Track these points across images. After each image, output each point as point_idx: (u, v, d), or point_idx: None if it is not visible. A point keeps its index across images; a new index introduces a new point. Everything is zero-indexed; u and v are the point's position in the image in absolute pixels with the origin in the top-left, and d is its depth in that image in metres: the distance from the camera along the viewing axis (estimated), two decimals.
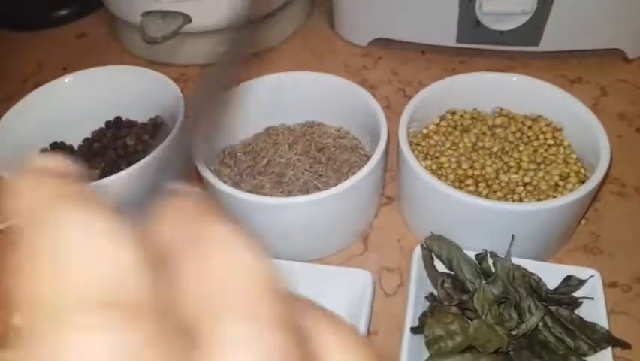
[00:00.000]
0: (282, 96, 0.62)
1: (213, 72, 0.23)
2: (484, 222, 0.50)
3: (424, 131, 0.59)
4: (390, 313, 0.51)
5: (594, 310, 0.46)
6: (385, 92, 0.73)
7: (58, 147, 0.62)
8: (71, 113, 0.63)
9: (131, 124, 0.64)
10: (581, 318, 0.46)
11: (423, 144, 0.58)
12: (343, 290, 0.50)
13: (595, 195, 0.54)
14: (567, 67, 0.74)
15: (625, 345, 0.44)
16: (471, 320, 0.46)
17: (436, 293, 0.48)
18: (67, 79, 0.63)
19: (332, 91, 0.61)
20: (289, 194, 0.56)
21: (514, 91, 0.59)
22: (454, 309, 0.46)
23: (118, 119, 0.65)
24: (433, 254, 0.50)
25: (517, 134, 0.58)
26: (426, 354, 0.45)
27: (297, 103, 0.63)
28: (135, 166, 0.54)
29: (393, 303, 0.52)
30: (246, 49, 0.26)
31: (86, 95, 0.64)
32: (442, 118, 0.60)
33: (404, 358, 0.44)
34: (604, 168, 0.49)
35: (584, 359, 0.44)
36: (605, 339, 0.44)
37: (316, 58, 0.79)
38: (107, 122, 0.65)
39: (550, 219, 0.49)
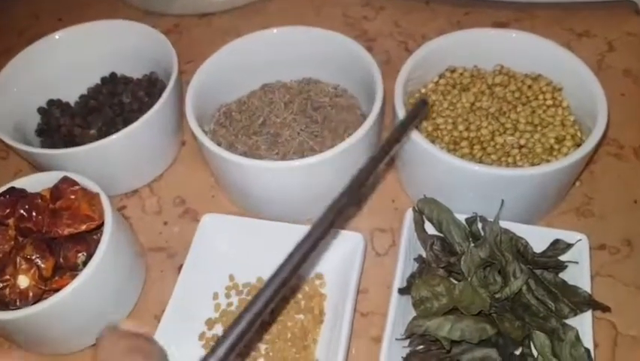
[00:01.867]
0: (278, 52, 0.62)
1: None
2: (476, 187, 0.50)
3: (422, 90, 0.59)
4: (381, 273, 0.53)
5: (578, 273, 0.47)
6: (386, 45, 0.72)
7: (54, 105, 0.62)
8: (66, 69, 0.63)
9: (126, 80, 0.64)
10: (564, 281, 0.47)
11: None
12: (336, 251, 0.51)
13: (590, 159, 0.54)
14: (575, 19, 0.72)
15: (605, 308, 0.46)
16: (458, 281, 0.48)
17: (424, 256, 0.49)
18: (58, 35, 0.63)
19: (328, 47, 0.60)
20: (284, 155, 0.56)
21: (516, 48, 0.58)
22: (441, 271, 0.48)
23: (113, 74, 0.65)
24: (424, 217, 0.51)
25: (517, 94, 0.57)
26: (413, 314, 0.47)
27: (293, 59, 0.62)
28: (132, 127, 0.54)
29: (384, 263, 0.54)
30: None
31: (79, 51, 0.63)
32: (441, 76, 0.59)
33: (391, 317, 0.46)
34: (600, 133, 0.49)
35: (564, 321, 0.45)
36: (586, 302, 0.45)
37: (314, 7, 0.77)
38: (103, 78, 0.65)
39: (541, 184, 0.49)
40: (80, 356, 0.50)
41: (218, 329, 0.49)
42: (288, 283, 0.34)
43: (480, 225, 0.50)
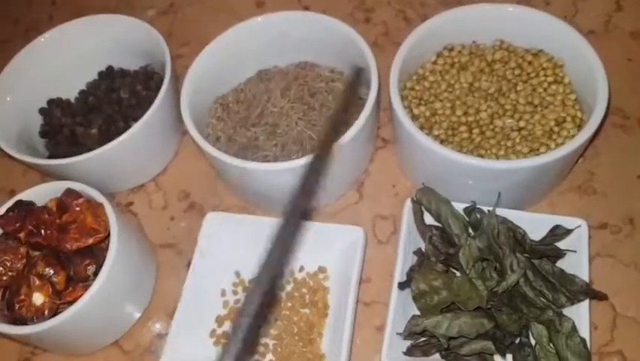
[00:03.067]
0: (272, 38, 0.60)
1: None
2: (473, 177, 0.50)
3: (420, 71, 0.58)
4: (383, 261, 0.54)
5: (577, 261, 0.48)
6: (383, 15, 0.70)
7: (55, 104, 0.63)
8: (61, 67, 0.63)
9: (123, 73, 0.64)
10: (562, 270, 0.47)
11: (417, 87, 0.56)
12: (338, 245, 0.52)
13: (592, 138, 0.52)
14: None
15: (602, 297, 0.46)
16: (456, 270, 0.49)
17: (423, 249, 0.50)
18: (48, 34, 0.62)
19: (322, 32, 0.58)
20: (284, 146, 0.56)
21: (515, 23, 0.56)
22: (439, 266, 0.48)
23: (110, 68, 0.65)
24: (422, 207, 0.51)
25: (517, 71, 0.56)
26: (414, 305, 0.48)
27: (288, 44, 0.61)
28: (133, 128, 0.55)
29: (386, 251, 0.55)
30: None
31: (72, 49, 0.63)
32: (439, 55, 0.58)
33: (392, 312, 0.47)
34: (599, 118, 0.48)
35: (561, 310, 0.46)
36: (584, 291, 0.46)
37: None
38: (100, 73, 0.65)
39: (540, 173, 0.49)
40: (101, 354, 0.53)
41: (228, 326, 0.52)
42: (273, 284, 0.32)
43: (478, 215, 0.50)
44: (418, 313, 0.47)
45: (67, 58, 0.63)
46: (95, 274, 0.48)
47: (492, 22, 0.56)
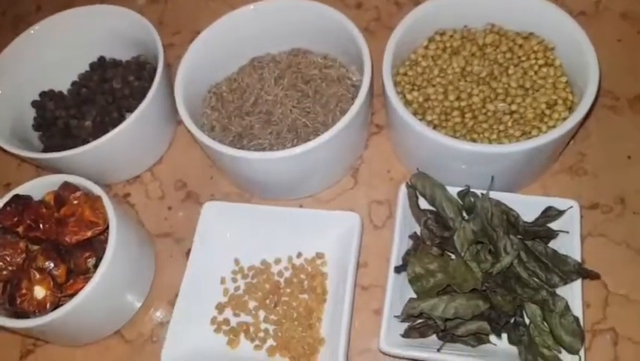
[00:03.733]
0: (265, 26, 0.60)
1: None
2: (466, 162, 0.51)
3: (412, 57, 0.58)
4: (380, 245, 0.54)
5: (569, 241, 0.49)
6: (375, 1, 0.70)
7: (47, 96, 0.63)
8: (53, 59, 0.63)
9: (115, 64, 0.64)
10: (555, 251, 0.48)
11: (410, 73, 0.57)
12: (335, 231, 0.53)
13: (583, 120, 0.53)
14: None
15: (594, 276, 0.47)
16: (451, 253, 0.50)
17: (419, 233, 0.51)
18: (37, 26, 0.62)
19: (314, 18, 0.58)
20: (279, 134, 0.56)
21: (506, 6, 0.56)
22: (434, 249, 0.49)
23: (102, 59, 0.64)
24: (417, 192, 0.52)
25: (508, 55, 0.56)
26: (411, 288, 0.49)
27: (280, 31, 0.61)
28: (127, 121, 0.55)
29: (382, 235, 0.55)
30: None
31: (62, 41, 0.63)
32: (431, 40, 0.58)
33: (389, 296, 0.48)
34: (589, 102, 0.49)
35: (554, 290, 0.47)
36: (576, 271, 0.47)
37: None
38: (92, 64, 0.64)
39: (532, 156, 0.50)
40: (103, 344, 0.54)
41: (228, 313, 0.52)
42: None
43: (472, 199, 0.51)
44: (414, 296, 0.48)
45: (58, 49, 0.63)
46: (96, 266, 0.48)
47: (483, 6, 0.56)
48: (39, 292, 0.46)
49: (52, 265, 0.47)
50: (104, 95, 0.61)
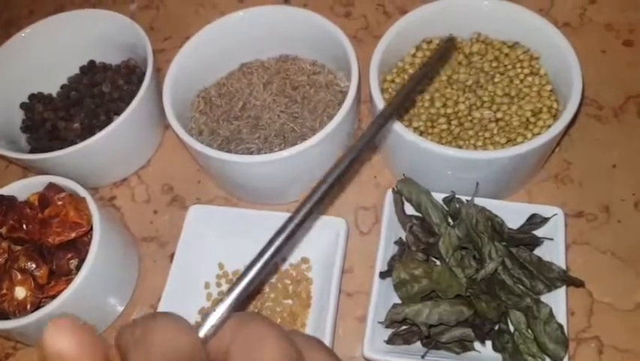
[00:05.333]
0: (254, 32, 0.61)
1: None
2: (451, 168, 0.51)
3: (400, 64, 0.58)
4: (365, 252, 0.54)
5: (554, 248, 0.49)
6: (363, 9, 0.70)
7: (36, 99, 0.63)
8: (44, 61, 0.63)
9: (105, 68, 0.64)
10: (539, 258, 0.48)
11: (397, 80, 0.57)
12: (320, 236, 0.53)
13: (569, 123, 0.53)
14: None
15: (579, 284, 0.47)
16: (436, 259, 0.50)
17: (404, 238, 0.51)
18: (29, 29, 0.62)
19: (303, 26, 0.59)
20: (266, 139, 0.57)
21: (492, 16, 0.57)
22: (419, 255, 0.49)
23: (91, 62, 0.64)
24: (403, 198, 0.52)
25: (494, 64, 0.56)
26: (396, 295, 0.49)
27: (269, 37, 0.61)
28: (115, 123, 0.55)
29: (367, 241, 0.55)
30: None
31: (52, 45, 0.63)
32: (418, 48, 0.59)
33: (373, 302, 0.48)
34: (573, 109, 0.49)
35: (539, 297, 0.47)
36: (561, 278, 0.47)
37: None
38: (82, 67, 0.64)
39: (518, 163, 0.50)
40: None
41: None
42: (267, 267, 0.33)
43: (457, 205, 0.51)
44: (399, 302, 0.48)
45: (48, 53, 0.63)
46: (78, 268, 0.48)
47: (469, 15, 0.57)
48: (20, 292, 0.46)
49: (34, 265, 0.47)
50: (92, 98, 0.61)
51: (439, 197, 0.51)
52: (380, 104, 0.51)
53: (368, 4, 0.71)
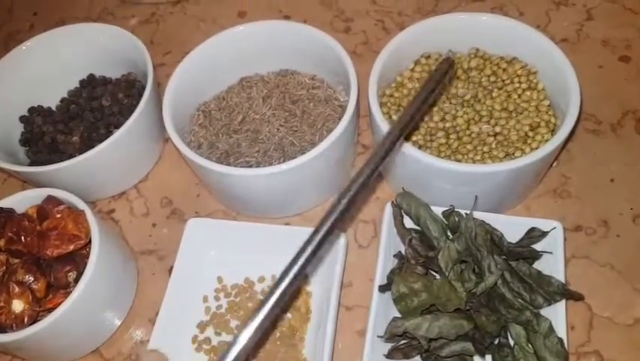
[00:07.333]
0: (254, 46, 0.61)
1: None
2: (451, 181, 0.51)
3: (398, 79, 0.59)
4: (364, 265, 0.54)
5: (553, 262, 0.49)
6: (363, 25, 0.71)
7: (36, 112, 0.63)
8: (44, 75, 0.64)
9: (105, 81, 0.64)
10: (539, 272, 0.48)
11: (396, 94, 0.57)
12: (320, 250, 0.52)
13: (567, 138, 0.53)
14: None
15: (578, 297, 0.47)
16: (436, 272, 0.50)
17: (403, 252, 0.51)
18: (29, 42, 0.62)
19: (302, 40, 0.59)
20: (265, 153, 0.57)
21: (490, 32, 0.57)
22: (419, 268, 0.49)
23: (91, 76, 0.65)
24: (402, 211, 0.52)
25: (492, 78, 0.57)
26: (395, 308, 0.49)
27: (269, 52, 0.62)
28: (114, 136, 0.55)
29: (367, 255, 0.55)
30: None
31: (53, 58, 0.63)
32: (417, 63, 0.59)
33: (372, 316, 0.48)
34: (571, 123, 0.49)
35: (538, 311, 0.47)
36: (560, 292, 0.47)
37: None
38: (82, 81, 0.65)
39: (516, 177, 0.50)
40: None
41: (210, 332, 0.52)
42: (293, 286, 0.35)
43: (457, 219, 0.51)
44: (399, 316, 0.48)
45: (48, 66, 0.63)
46: (76, 280, 0.48)
47: (467, 30, 0.58)
48: (17, 305, 0.45)
49: (31, 278, 0.46)
50: (92, 111, 0.61)
51: (438, 210, 0.51)
52: (379, 118, 0.51)
53: (367, 19, 0.71)
